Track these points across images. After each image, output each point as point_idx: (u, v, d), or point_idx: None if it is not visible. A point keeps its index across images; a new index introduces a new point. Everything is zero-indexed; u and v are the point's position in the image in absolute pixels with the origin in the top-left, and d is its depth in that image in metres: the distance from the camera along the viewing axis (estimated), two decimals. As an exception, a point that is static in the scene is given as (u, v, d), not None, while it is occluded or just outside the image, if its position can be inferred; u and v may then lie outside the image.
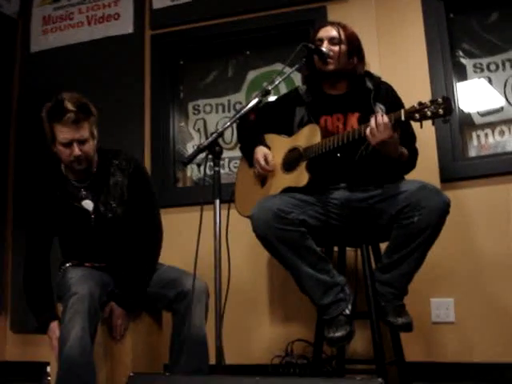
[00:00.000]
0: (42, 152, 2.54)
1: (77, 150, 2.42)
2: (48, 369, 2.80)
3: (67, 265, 2.57)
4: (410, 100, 2.29)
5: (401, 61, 3.28)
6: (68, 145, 2.42)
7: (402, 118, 2.23)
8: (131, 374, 1.65)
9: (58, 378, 2.16)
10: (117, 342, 2.50)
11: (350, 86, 2.64)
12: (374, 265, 2.54)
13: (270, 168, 2.61)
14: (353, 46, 2.60)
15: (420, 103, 2.20)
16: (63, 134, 2.40)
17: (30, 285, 2.55)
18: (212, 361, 2.16)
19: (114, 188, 2.57)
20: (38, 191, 2.60)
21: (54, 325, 2.44)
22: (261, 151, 2.65)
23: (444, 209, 2.28)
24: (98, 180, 2.56)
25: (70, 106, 2.37)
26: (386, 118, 2.25)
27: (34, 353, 3.74)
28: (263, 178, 2.68)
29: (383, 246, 2.51)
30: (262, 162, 2.61)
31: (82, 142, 2.43)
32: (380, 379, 1.37)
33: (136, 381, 1.62)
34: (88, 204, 2.55)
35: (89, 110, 2.45)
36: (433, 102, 2.18)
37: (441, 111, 2.15)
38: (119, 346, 2.51)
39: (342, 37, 2.58)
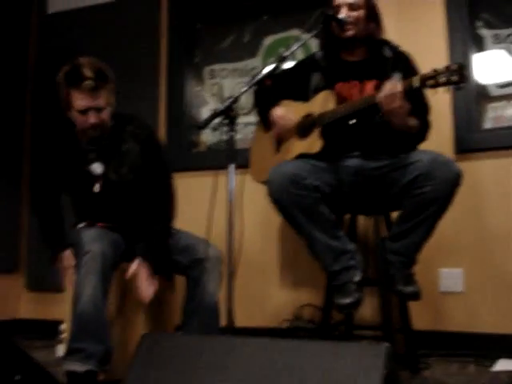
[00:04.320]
0: (57, 114, 2.52)
1: (93, 118, 2.42)
2: (62, 326, 2.87)
3: (80, 225, 2.60)
4: (426, 69, 2.28)
5: (419, 29, 3.24)
6: (84, 112, 2.41)
7: (416, 85, 2.22)
8: (144, 333, 1.69)
9: (72, 335, 2.20)
10: (130, 301, 2.54)
11: (368, 52, 2.63)
12: (384, 233, 2.55)
13: (290, 122, 2.61)
14: (371, 11, 2.58)
15: (434, 70, 2.18)
16: (80, 101, 2.39)
17: (40, 216, 2.62)
18: (223, 323, 2.20)
19: (126, 154, 2.57)
20: (49, 148, 2.63)
21: (66, 252, 2.49)
22: (278, 109, 2.65)
23: (456, 180, 2.28)
24: (110, 145, 2.56)
25: (88, 72, 2.35)
26: (399, 87, 2.24)
27: (48, 311, 3.82)
28: (278, 144, 2.69)
29: (395, 215, 2.52)
30: (280, 116, 2.61)
31: (98, 110, 2.43)
32: (387, 344, 1.40)
33: (148, 339, 1.66)
34: (97, 167, 2.55)
35: (106, 76, 2.43)
36: (447, 68, 2.16)
37: (455, 78, 2.14)
38: (132, 305, 2.56)
39: (361, 2, 2.55)
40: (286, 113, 2.63)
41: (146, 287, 2.42)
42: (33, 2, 4.24)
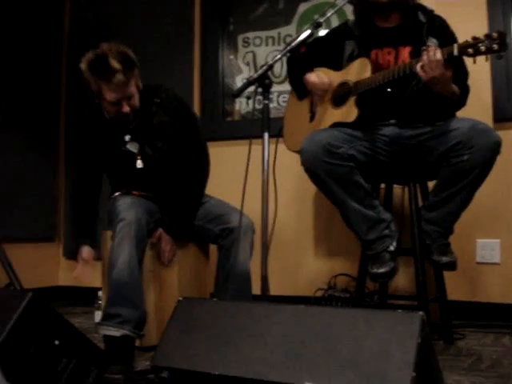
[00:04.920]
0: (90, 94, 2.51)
1: (126, 108, 2.43)
2: (99, 293, 2.92)
3: (116, 194, 2.64)
4: (464, 37, 2.22)
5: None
6: (116, 103, 2.42)
7: (455, 53, 2.17)
8: (180, 299, 1.71)
9: (108, 300, 2.25)
10: (165, 268, 2.58)
11: (402, 18, 2.57)
12: (420, 203, 2.53)
13: (327, 83, 2.57)
14: None
15: (474, 37, 2.13)
16: (112, 93, 2.38)
17: (76, 206, 2.65)
18: (257, 291, 2.22)
19: (158, 127, 2.58)
20: (84, 129, 2.62)
21: (84, 248, 2.54)
22: (313, 74, 2.61)
23: (495, 148, 2.24)
24: (141, 121, 2.56)
25: (115, 64, 2.31)
26: (438, 55, 2.19)
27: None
28: (312, 113, 2.66)
29: (431, 184, 2.49)
30: (317, 80, 2.58)
31: (129, 98, 2.43)
32: (421, 312, 1.39)
33: (184, 305, 1.68)
34: (133, 146, 2.57)
35: (132, 62, 2.40)
36: (487, 36, 2.10)
37: (495, 46, 2.08)
38: (167, 272, 2.60)
39: (396, -33, 2.49)
40: (322, 76, 2.60)
41: (167, 251, 2.56)
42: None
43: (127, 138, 2.56)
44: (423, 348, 1.36)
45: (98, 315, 2.96)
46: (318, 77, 2.59)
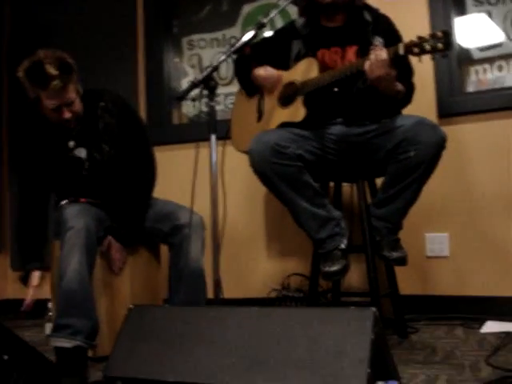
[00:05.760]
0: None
1: (67, 114, 2.39)
2: (49, 305, 2.85)
3: (63, 202, 2.57)
4: (408, 35, 2.25)
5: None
6: (56, 110, 2.37)
7: (401, 52, 2.20)
8: (131, 306, 1.68)
9: (58, 311, 2.19)
10: (116, 276, 2.54)
11: (348, 18, 2.59)
12: (369, 200, 2.55)
13: (276, 74, 2.58)
14: None
15: (419, 37, 2.16)
16: (50, 100, 2.33)
17: (21, 229, 2.55)
18: (210, 295, 2.20)
19: (104, 131, 2.53)
20: (29, 141, 2.55)
21: (35, 274, 2.46)
22: (261, 68, 2.62)
23: (440, 144, 2.27)
24: (86, 125, 2.51)
25: (51, 70, 2.26)
26: (384, 54, 2.21)
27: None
28: (260, 113, 2.66)
29: (379, 181, 2.52)
30: (265, 73, 2.60)
31: (69, 104, 2.38)
32: (373, 308, 1.40)
33: (135, 312, 1.65)
34: (80, 151, 2.52)
35: (70, 67, 2.35)
36: (432, 35, 2.14)
37: (440, 45, 2.12)
38: (118, 279, 2.55)
39: (339, -33, 2.51)
40: (270, 69, 2.61)
41: (118, 258, 2.52)
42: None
43: (71, 144, 2.51)
44: (377, 343, 1.37)
45: (48, 327, 2.88)
46: (265, 70, 2.61)
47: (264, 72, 2.61)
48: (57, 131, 2.49)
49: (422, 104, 2.86)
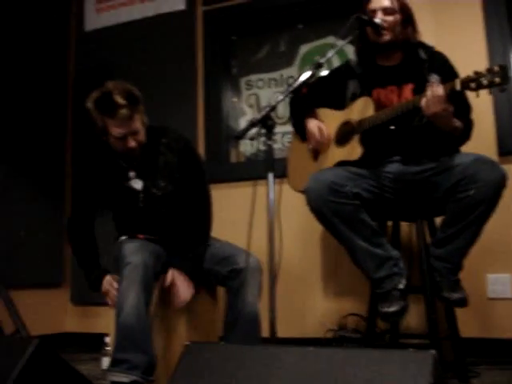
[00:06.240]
0: (95, 134, 2.55)
1: (132, 143, 2.46)
2: (107, 339, 2.89)
3: (122, 238, 2.63)
4: (466, 72, 2.24)
5: (457, 31, 3.19)
6: (122, 139, 2.45)
7: (458, 88, 2.18)
8: (187, 343, 1.68)
9: (116, 346, 2.21)
10: (173, 313, 2.55)
11: (404, 56, 2.59)
12: (428, 239, 2.51)
13: (325, 140, 2.60)
14: (406, 14, 2.55)
15: (476, 72, 2.15)
16: (117, 129, 2.42)
17: (76, 243, 2.64)
18: (265, 334, 2.18)
19: (163, 167, 2.59)
20: (88, 167, 2.66)
21: (108, 278, 2.50)
22: (315, 123, 2.64)
23: (500, 182, 2.23)
24: (147, 159, 2.58)
25: (119, 99, 2.37)
26: (441, 90, 2.21)
27: (93, 324, 3.87)
28: (316, 153, 2.67)
29: (438, 220, 2.48)
30: (317, 133, 2.60)
31: (135, 134, 2.47)
32: (433, 351, 1.37)
33: (192, 349, 1.66)
34: (137, 183, 2.58)
35: (137, 99, 2.45)
36: (489, 70, 2.12)
37: (497, 80, 2.10)
38: (175, 316, 2.56)
39: (396, 6, 2.52)
40: (322, 126, 2.62)
41: (183, 291, 2.47)
42: (70, 21, 4.34)
43: (132, 174, 2.58)
44: (437, 388, 1.33)
45: (105, 361, 2.92)
46: (318, 129, 2.63)
47: (316, 130, 2.63)
48: (120, 161, 2.58)
49: (482, 141, 2.83)
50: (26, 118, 3.88)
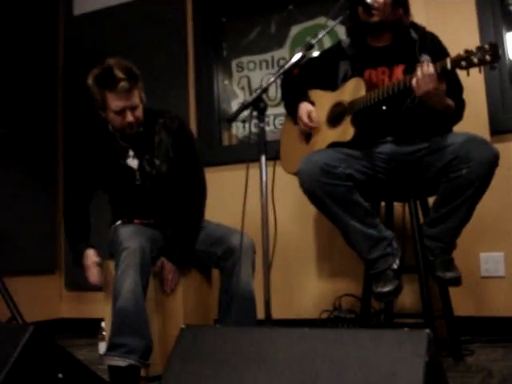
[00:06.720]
0: (88, 114, 2.57)
1: (130, 117, 2.49)
2: (103, 324, 2.90)
3: (117, 223, 2.63)
4: (457, 51, 2.23)
5: (448, 11, 3.17)
6: (121, 112, 2.48)
7: (448, 67, 2.18)
8: (183, 326, 1.69)
9: (113, 330, 2.22)
10: (168, 296, 2.56)
11: (395, 37, 2.58)
12: (422, 219, 2.51)
13: (314, 125, 2.59)
14: None
15: (466, 50, 2.14)
16: (116, 102, 2.46)
17: (67, 218, 2.71)
18: (260, 316, 2.20)
19: (158, 146, 2.62)
20: (83, 146, 2.69)
21: (91, 252, 2.56)
22: (304, 108, 2.63)
23: (493, 161, 2.23)
24: (143, 139, 2.62)
25: (120, 73, 2.41)
26: (431, 69, 2.20)
27: (88, 309, 3.88)
28: (308, 135, 2.67)
29: (431, 200, 2.48)
30: (306, 119, 2.59)
31: (133, 109, 2.50)
32: (427, 330, 1.37)
33: (187, 333, 1.66)
34: (133, 162, 2.62)
35: (136, 75, 2.50)
36: (479, 48, 2.12)
37: (488, 58, 2.10)
38: (170, 300, 2.57)
39: (387, -13, 2.50)
40: (312, 111, 2.61)
41: (170, 280, 2.54)
42: (59, 5, 4.31)
43: (131, 152, 2.61)
44: (431, 366, 1.34)
45: (101, 346, 2.93)
46: (307, 114, 2.61)
47: (305, 117, 2.61)
48: (117, 139, 2.61)
49: (474, 121, 2.82)
50: (16, 103, 3.86)
